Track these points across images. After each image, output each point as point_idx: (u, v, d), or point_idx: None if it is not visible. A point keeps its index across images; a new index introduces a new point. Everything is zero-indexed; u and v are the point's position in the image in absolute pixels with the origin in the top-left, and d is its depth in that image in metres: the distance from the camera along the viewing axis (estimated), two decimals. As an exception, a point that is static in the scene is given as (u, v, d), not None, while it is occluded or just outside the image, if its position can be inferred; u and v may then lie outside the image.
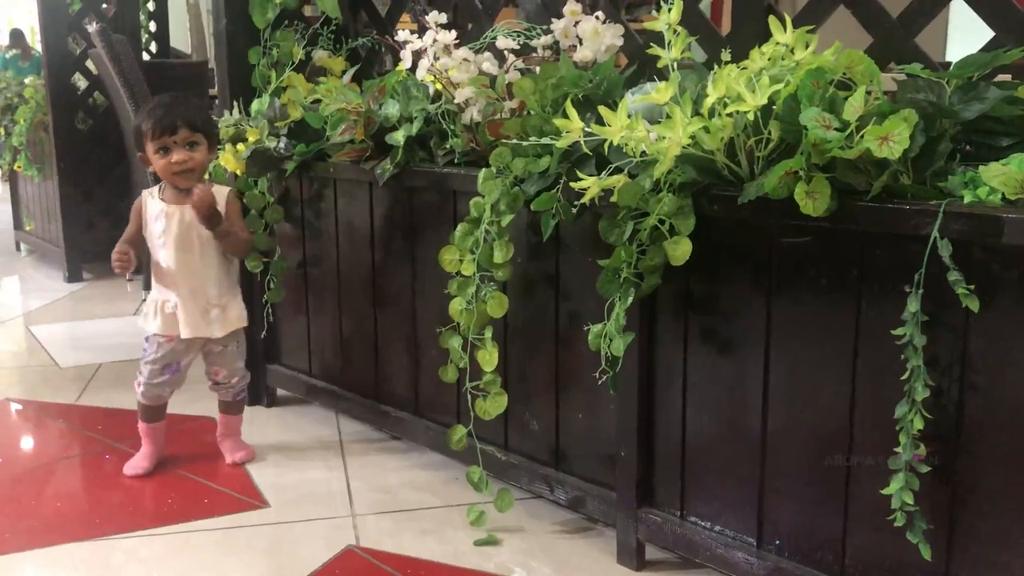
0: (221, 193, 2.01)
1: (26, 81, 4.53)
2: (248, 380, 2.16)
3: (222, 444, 2.17)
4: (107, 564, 1.71)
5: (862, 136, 1.20)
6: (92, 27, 3.39)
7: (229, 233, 1.98)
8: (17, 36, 8.20)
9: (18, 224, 4.85)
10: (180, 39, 7.02)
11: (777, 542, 1.48)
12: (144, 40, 4.53)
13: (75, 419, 2.44)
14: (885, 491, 1.25)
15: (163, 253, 2.00)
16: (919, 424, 1.21)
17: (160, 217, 2.00)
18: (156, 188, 2.05)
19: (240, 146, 2.23)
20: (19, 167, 4.41)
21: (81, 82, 4.09)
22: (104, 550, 1.76)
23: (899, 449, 1.24)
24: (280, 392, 2.52)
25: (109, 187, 4.01)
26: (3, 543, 1.78)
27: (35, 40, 7.66)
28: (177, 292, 2.00)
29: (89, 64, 4.01)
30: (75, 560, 1.73)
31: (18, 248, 4.88)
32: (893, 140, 1.18)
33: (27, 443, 2.35)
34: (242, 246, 2.06)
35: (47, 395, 2.62)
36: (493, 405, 1.75)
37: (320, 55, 2.40)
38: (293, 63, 2.31)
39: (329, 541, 1.78)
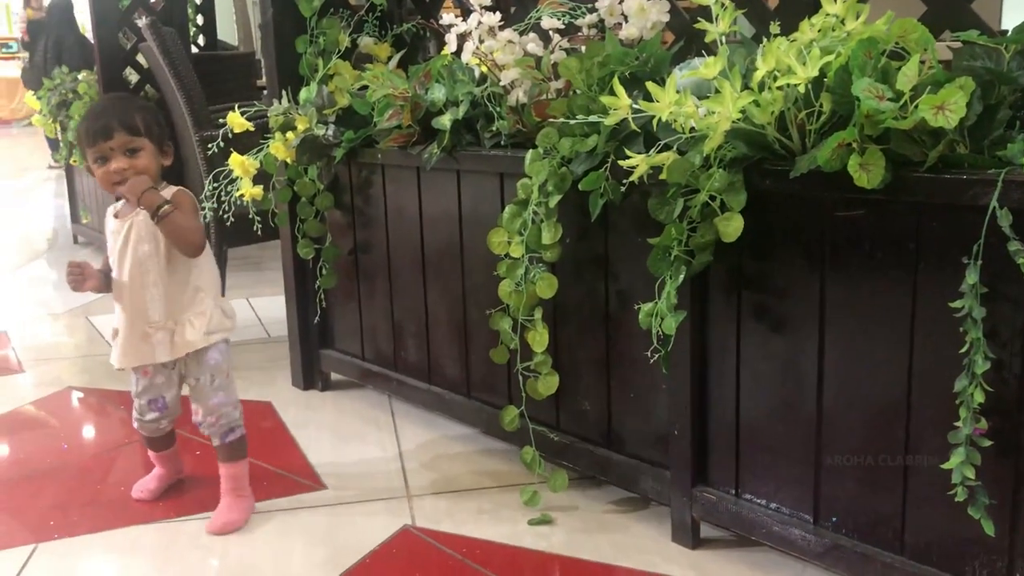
0: (171, 191, 1.79)
1: (80, 77, 4.62)
2: (235, 420, 1.84)
3: (221, 500, 1.86)
4: (171, 546, 1.76)
5: (916, 106, 1.18)
6: (142, 21, 3.44)
7: (169, 219, 1.71)
8: None
9: (75, 217, 4.96)
10: (227, 31, 7.10)
11: (834, 519, 1.47)
12: (192, 33, 4.59)
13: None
14: (945, 466, 1.24)
15: (114, 272, 1.81)
16: (980, 397, 1.19)
17: (110, 235, 1.82)
18: (120, 202, 1.83)
19: (290, 134, 2.25)
20: (75, 161, 4.50)
21: (132, 76, 4.16)
22: (168, 533, 1.81)
23: (959, 423, 1.22)
24: (334, 376, 2.56)
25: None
26: (72, 526, 1.83)
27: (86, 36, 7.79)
28: (120, 315, 1.81)
29: (139, 58, 4.07)
30: (141, 543, 1.78)
31: (76, 240, 4.99)
32: (949, 109, 1.16)
33: (90, 431, 2.41)
34: (187, 236, 1.74)
35: (107, 383, 2.69)
36: (544, 386, 1.75)
37: (366, 42, 2.42)
38: (339, 51, 2.33)
39: (386, 521, 1.81)
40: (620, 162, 1.48)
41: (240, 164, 2.24)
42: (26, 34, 8.57)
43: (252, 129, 2.28)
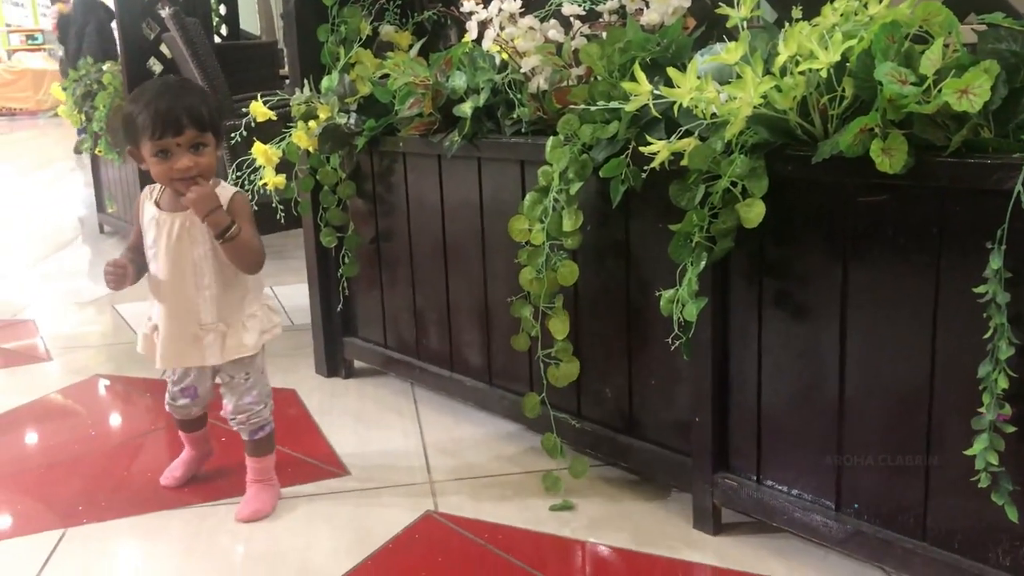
0: (226, 194, 1.69)
1: (104, 68, 4.66)
2: (265, 418, 1.82)
3: (247, 488, 1.86)
4: (198, 532, 1.78)
5: (940, 90, 1.17)
6: (166, 12, 3.47)
7: (237, 240, 1.65)
8: None
9: (101, 206, 5.01)
10: (249, 21, 7.13)
11: (856, 505, 1.47)
12: (215, 23, 4.62)
13: (161, 394, 2.50)
14: (968, 452, 1.23)
15: (153, 265, 1.73)
16: (1003, 383, 1.19)
17: (152, 225, 1.71)
18: (156, 187, 1.74)
19: (312, 123, 2.27)
20: (100, 151, 4.54)
21: (156, 67, 4.19)
22: (194, 518, 1.83)
23: (983, 409, 1.21)
24: (357, 364, 2.57)
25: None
26: (100, 512, 1.86)
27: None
28: (162, 313, 1.73)
29: (163, 48, 4.10)
30: (168, 528, 1.80)
31: (102, 230, 5.04)
32: (973, 93, 1.15)
33: (117, 418, 2.44)
34: (251, 257, 1.69)
35: (134, 371, 2.71)
36: (565, 373, 1.76)
37: (387, 30, 2.42)
38: (361, 39, 2.33)
39: (409, 507, 1.82)
40: (641, 148, 1.48)
41: (263, 153, 2.25)
42: (56, 29, 8.72)
43: (275, 118, 2.30)
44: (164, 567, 1.67)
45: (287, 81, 2.57)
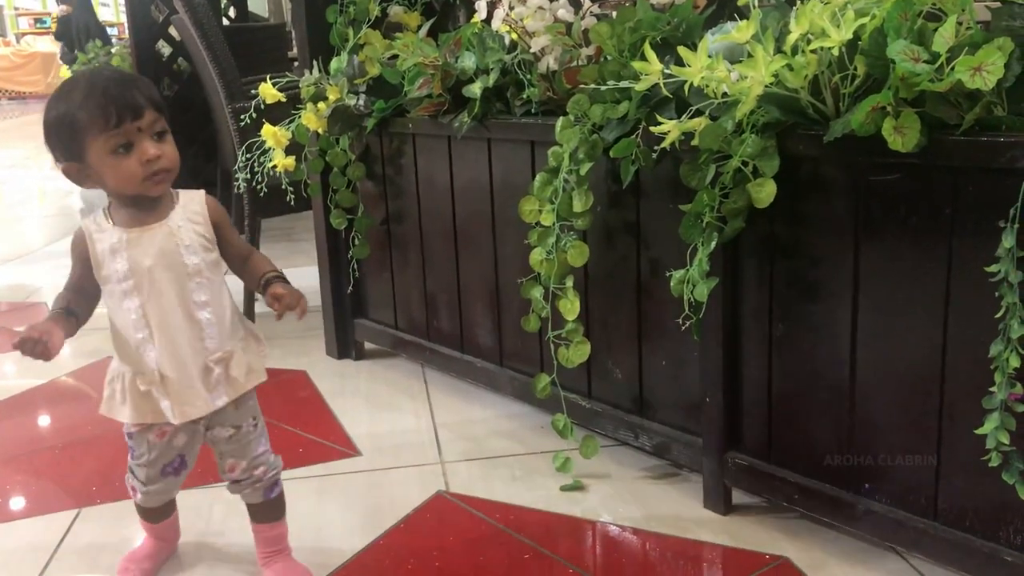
0: (198, 197, 1.40)
1: (112, 51, 4.66)
2: (279, 468, 1.52)
3: (265, 571, 1.54)
4: (211, 511, 1.80)
5: (953, 67, 1.16)
6: (173, -6, 3.46)
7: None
8: None
9: (110, 190, 5.02)
10: (258, 3, 7.11)
11: (867, 485, 1.47)
12: (223, 5, 4.61)
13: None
14: (979, 431, 1.23)
15: (129, 303, 1.35)
16: (1015, 362, 1.18)
17: (117, 254, 1.33)
18: (98, 213, 1.36)
19: (321, 105, 2.26)
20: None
21: (165, 49, 4.19)
22: (207, 498, 1.85)
23: (994, 388, 1.21)
24: (368, 346, 2.58)
25: (196, 151, 4.11)
26: (114, 492, 1.87)
27: (118, 11, 7.90)
28: (157, 355, 1.35)
29: (172, 31, 4.10)
30: (182, 507, 1.80)
31: (112, 213, 5.05)
32: (986, 70, 1.14)
33: (130, 398, 2.46)
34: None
35: (147, 353, 2.73)
36: (576, 353, 1.76)
37: (396, 10, 2.41)
38: (370, 20, 2.33)
39: (420, 487, 1.83)
40: (652, 128, 1.48)
41: (272, 135, 2.26)
42: (55, 24, 8.89)
43: (284, 100, 2.30)
44: (179, 546, 1.69)
45: (296, 63, 2.56)
